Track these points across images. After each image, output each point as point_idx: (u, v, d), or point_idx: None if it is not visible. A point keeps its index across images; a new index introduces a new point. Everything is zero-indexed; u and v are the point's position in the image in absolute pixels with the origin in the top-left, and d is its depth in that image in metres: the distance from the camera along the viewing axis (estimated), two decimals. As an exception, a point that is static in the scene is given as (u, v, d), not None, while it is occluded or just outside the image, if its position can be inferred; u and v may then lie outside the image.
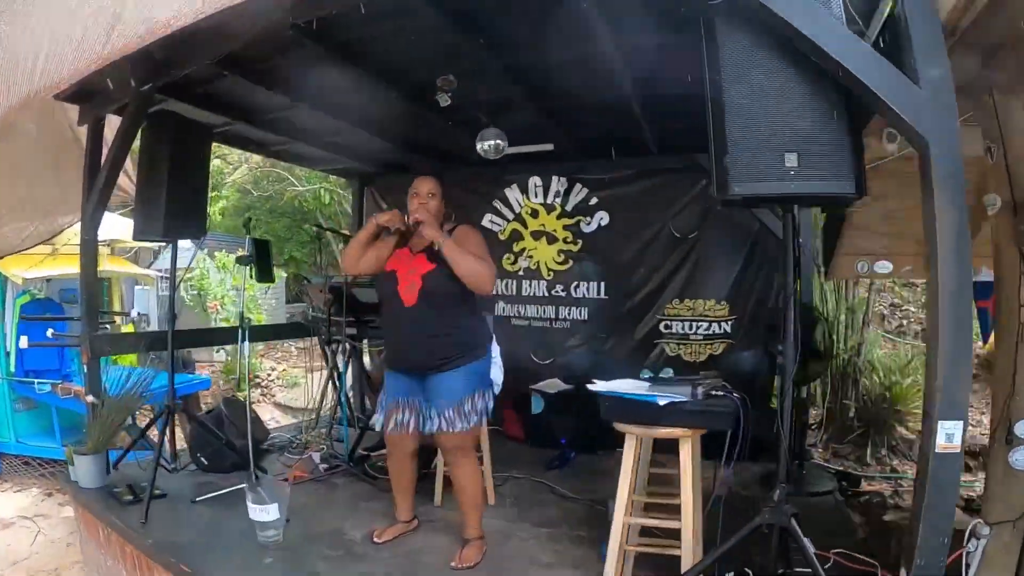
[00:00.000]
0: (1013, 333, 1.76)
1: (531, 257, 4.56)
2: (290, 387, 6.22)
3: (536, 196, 4.56)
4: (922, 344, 4.84)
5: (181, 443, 3.50)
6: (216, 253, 6.67)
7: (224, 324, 5.89)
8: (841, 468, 3.48)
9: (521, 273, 4.55)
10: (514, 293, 4.56)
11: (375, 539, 2.48)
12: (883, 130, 1.98)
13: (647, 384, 1.96)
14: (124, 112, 2.89)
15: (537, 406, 4.13)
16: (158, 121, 2.92)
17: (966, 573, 1.80)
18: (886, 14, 1.48)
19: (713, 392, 1.87)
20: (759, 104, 1.55)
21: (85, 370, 3.07)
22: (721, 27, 1.58)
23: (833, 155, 1.54)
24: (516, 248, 4.62)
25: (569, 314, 4.44)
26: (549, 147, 3.95)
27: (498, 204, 4.69)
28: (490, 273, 2.26)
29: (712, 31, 1.59)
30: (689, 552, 1.83)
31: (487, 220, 4.71)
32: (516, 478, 3.32)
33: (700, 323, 4.06)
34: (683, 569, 1.83)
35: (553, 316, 4.46)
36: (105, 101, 2.93)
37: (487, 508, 2.67)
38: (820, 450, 3.80)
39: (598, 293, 4.34)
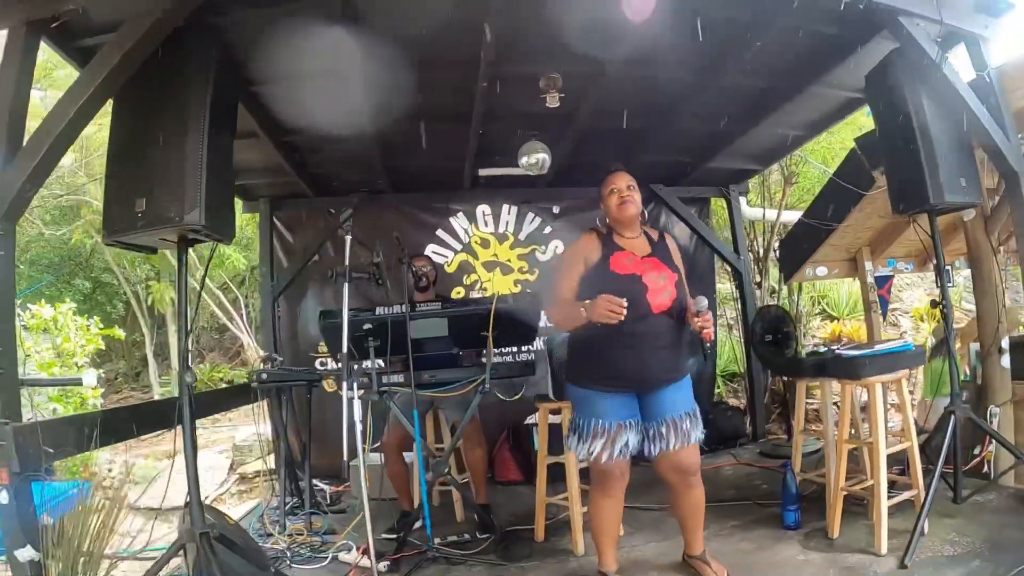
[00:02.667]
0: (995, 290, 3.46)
1: (485, 290, 4.96)
2: (144, 483, 4.78)
3: (486, 225, 5.03)
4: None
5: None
6: (30, 305, 4.55)
7: (58, 405, 4.17)
8: (781, 440, 5.04)
9: (474, 307, 4.91)
10: (469, 328, 4.89)
11: None
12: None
13: (867, 348, 2.97)
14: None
15: (540, 441, 4.55)
16: (189, 44, 2.27)
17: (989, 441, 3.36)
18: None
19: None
20: (946, 139, 2.80)
21: (5, 499, 2.12)
22: (922, 91, 2.80)
23: (975, 179, 2.92)
24: (467, 280, 4.97)
25: (533, 346, 5.01)
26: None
27: (442, 234, 4.97)
28: None
29: (915, 92, 2.80)
30: (918, 466, 2.86)
31: (429, 250, 4.92)
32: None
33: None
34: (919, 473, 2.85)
35: (515, 349, 4.90)
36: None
37: (629, 539, 2.81)
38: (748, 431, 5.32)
39: (559, 320, 5.07)
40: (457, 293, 4.86)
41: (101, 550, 2.38)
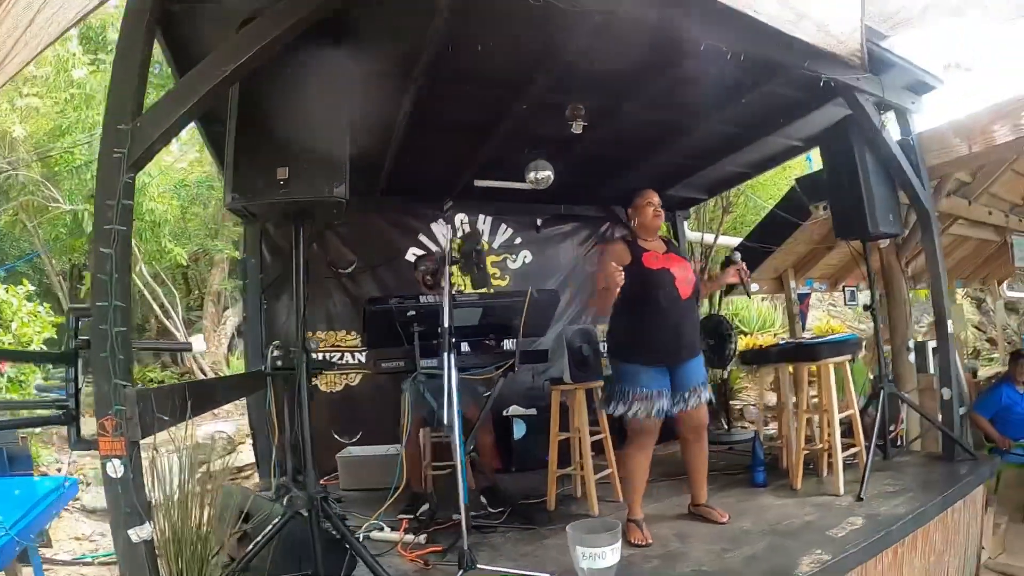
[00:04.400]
0: (904, 303, 4.72)
1: (461, 292, 5.59)
2: (99, 484, 4.70)
3: (463, 233, 5.70)
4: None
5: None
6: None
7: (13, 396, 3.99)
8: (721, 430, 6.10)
9: (450, 308, 5.53)
10: (448, 328, 5.49)
11: (648, 542, 3.05)
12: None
13: (815, 339, 4.02)
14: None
15: (520, 431, 5.22)
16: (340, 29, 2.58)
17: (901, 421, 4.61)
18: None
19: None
20: (880, 185, 3.96)
21: (120, 470, 2.13)
22: (867, 148, 3.94)
23: (898, 215, 4.11)
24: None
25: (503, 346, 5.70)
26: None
27: (424, 239, 5.56)
28: None
29: (862, 148, 3.94)
30: (859, 427, 3.90)
31: (410, 254, 5.49)
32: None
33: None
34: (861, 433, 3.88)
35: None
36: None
37: (641, 501, 3.32)
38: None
39: (527, 324, 5.82)
40: (435, 295, 5.44)
41: (209, 534, 2.50)
